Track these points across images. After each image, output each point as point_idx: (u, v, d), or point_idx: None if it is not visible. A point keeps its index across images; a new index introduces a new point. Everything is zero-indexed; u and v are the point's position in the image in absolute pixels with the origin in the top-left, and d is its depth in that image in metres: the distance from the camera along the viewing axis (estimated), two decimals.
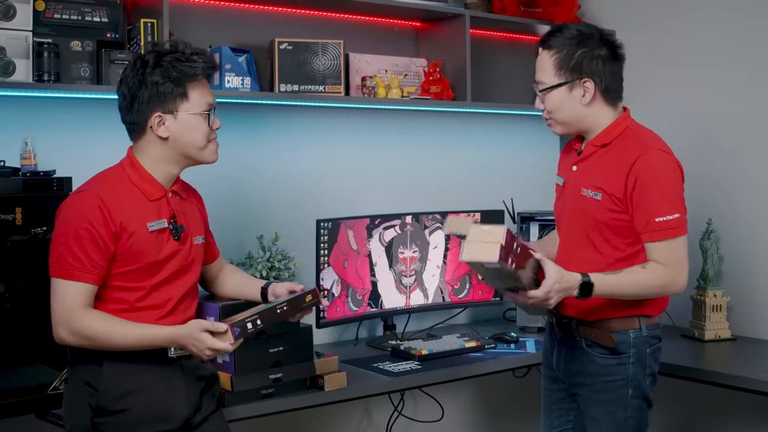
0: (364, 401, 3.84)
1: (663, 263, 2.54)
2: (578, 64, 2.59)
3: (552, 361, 2.81)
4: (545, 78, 2.63)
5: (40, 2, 2.90)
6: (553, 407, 2.85)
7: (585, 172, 2.65)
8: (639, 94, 4.18)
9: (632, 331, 2.63)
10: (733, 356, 3.55)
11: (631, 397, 2.64)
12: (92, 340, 2.36)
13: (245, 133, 3.55)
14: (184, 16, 3.33)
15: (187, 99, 2.47)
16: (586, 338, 2.66)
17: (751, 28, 3.76)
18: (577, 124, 2.66)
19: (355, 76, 3.72)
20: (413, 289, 3.79)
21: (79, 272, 2.35)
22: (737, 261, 3.81)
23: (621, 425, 2.64)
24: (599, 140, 2.65)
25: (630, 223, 2.57)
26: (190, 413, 2.52)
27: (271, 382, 2.86)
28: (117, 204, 2.40)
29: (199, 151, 2.52)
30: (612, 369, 2.63)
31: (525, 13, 4.10)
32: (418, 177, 4.04)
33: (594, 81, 2.61)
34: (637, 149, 2.56)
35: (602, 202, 2.58)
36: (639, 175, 2.52)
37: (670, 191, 2.56)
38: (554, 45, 2.62)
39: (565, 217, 2.70)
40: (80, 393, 2.43)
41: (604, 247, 2.61)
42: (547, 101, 2.64)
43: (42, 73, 2.87)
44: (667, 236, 2.53)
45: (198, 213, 2.67)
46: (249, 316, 2.46)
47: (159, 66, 2.44)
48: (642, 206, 2.53)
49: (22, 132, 2.93)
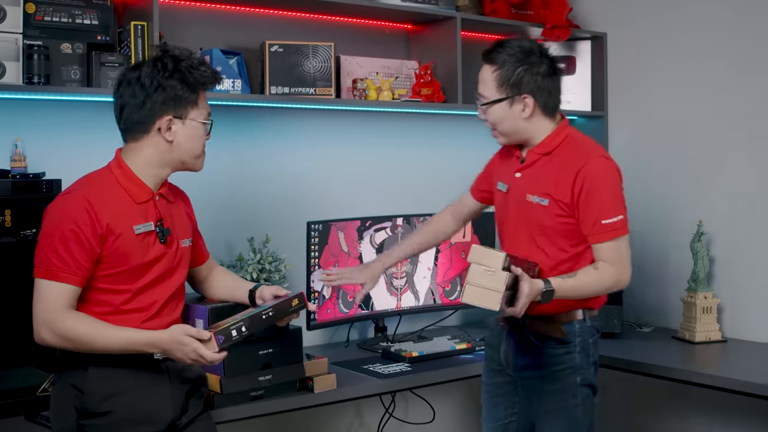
0: (355, 403, 3.85)
1: (611, 262, 2.66)
2: (518, 81, 2.69)
3: (499, 355, 2.89)
4: (487, 92, 2.73)
5: (31, 4, 2.90)
6: (499, 400, 2.93)
7: (530, 179, 2.75)
8: (629, 94, 4.21)
9: (577, 323, 2.76)
10: (724, 358, 3.55)
11: (579, 385, 2.76)
12: (74, 341, 2.36)
13: (236, 135, 3.55)
14: (175, 18, 3.33)
15: (197, 106, 2.51)
16: (535, 331, 2.77)
17: (740, 27, 3.77)
18: (518, 135, 2.77)
19: (346, 79, 3.72)
20: (404, 291, 3.80)
21: (63, 273, 2.35)
22: (728, 263, 3.82)
23: (571, 412, 2.75)
24: (542, 149, 2.75)
25: (575, 227, 2.69)
26: (176, 415, 2.52)
27: (261, 384, 2.86)
28: (104, 206, 2.40)
29: (194, 158, 2.55)
30: (560, 358, 2.75)
31: (516, 16, 4.11)
32: (409, 179, 4.04)
33: (534, 97, 2.71)
34: (581, 157, 2.68)
35: (549, 207, 2.69)
36: (585, 181, 2.64)
37: (614, 195, 2.69)
38: (496, 61, 2.71)
39: (510, 221, 2.78)
40: (66, 395, 2.43)
41: (550, 249, 2.72)
42: (489, 114, 2.75)
43: (32, 75, 2.87)
44: (613, 236, 2.65)
45: (185, 216, 2.67)
46: (234, 323, 2.45)
47: (177, 71, 2.47)
48: (589, 210, 2.65)
49: (12, 134, 2.92)
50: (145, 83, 2.46)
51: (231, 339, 2.43)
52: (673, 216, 4.01)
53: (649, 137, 4.14)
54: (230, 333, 2.42)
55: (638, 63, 4.16)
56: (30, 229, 2.67)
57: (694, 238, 3.75)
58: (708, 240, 3.81)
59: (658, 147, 4.09)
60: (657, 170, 4.09)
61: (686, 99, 3.97)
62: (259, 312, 2.55)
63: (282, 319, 2.67)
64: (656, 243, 4.08)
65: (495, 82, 2.70)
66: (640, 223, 4.10)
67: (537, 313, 2.69)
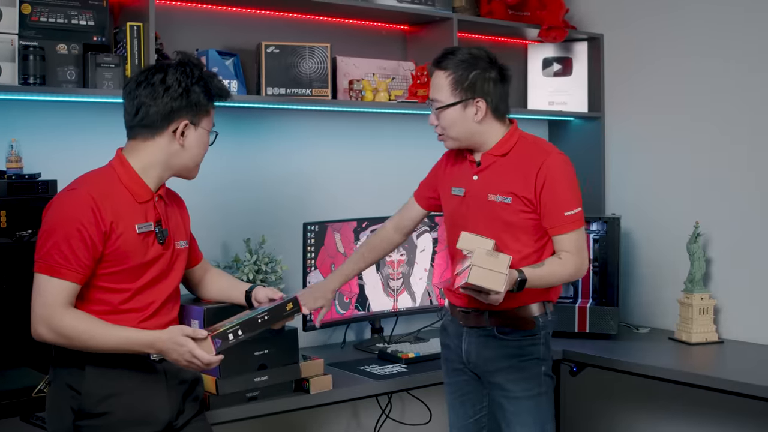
0: (352, 404, 3.85)
1: (573, 252, 2.79)
2: (472, 85, 2.79)
3: (460, 354, 2.94)
4: (441, 97, 2.81)
5: (26, 5, 2.90)
6: (465, 398, 2.98)
7: (489, 180, 2.84)
8: (626, 95, 4.21)
9: (540, 316, 2.86)
10: (721, 359, 3.55)
11: (544, 374, 2.87)
12: (71, 339, 2.35)
13: (232, 136, 3.54)
14: (171, 19, 3.33)
15: (208, 116, 2.57)
16: (498, 326, 2.85)
17: (738, 28, 3.77)
18: (469, 139, 2.84)
19: (342, 80, 3.72)
20: (401, 292, 3.80)
21: (65, 270, 2.35)
22: (724, 264, 3.82)
23: (538, 400, 2.85)
24: (498, 150, 2.85)
25: (537, 222, 2.80)
26: (173, 416, 2.52)
27: (257, 385, 2.86)
28: (108, 203, 2.41)
29: (195, 166, 2.60)
30: (526, 349, 2.84)
31: (513, 17, 4.11)
32: (405, 180, 4.00)
33: (486, 101, 2.80)
34: (540, 155, 2.80)
35: (513, 204, 2.79)
36: (546, 176, 2.76)
37: (573, 188, 2.82)
38: (449, 66, 2.80)
39: (471, 222, 2.84)
40: (62, 396, 2.43)
41: (514, 245, 2.80)
42: (441, 118, 2.83)
43: (28, 76, 2.86)
44: (574, 228, 2.79)
45: (180, 218, 2.67)
46: (230, 327, 2.45)
47: (202, 79, 2.53)
48: (551, 204, 2.77)
49: (7, 135, 2.92)
50: (173, 86, 2.49)
51: (228, 342, 2.43)
52: (669, 217, 4.01)
53: (646, 138, 4.14)
54: (227, 336, 2.42)
55: (635, 64, 4.16)
56: (26, 230, 2.67)
57: (690, 239, 3.75)
58: (705, 241, 3.81)
59: (655, 148, 4.09)
60: (654, 171, 4.09)
61: (683, 100, 3.98)
62: (255, 316, 2.55)
63: (277, 323, 2.66)
64: (653, 244, 4.08)
65: (449, 86, 2.79)
66: (636, 224, 4.12)
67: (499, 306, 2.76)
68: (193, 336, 2.38)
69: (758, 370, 3.33)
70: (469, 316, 2.89)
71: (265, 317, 2.57)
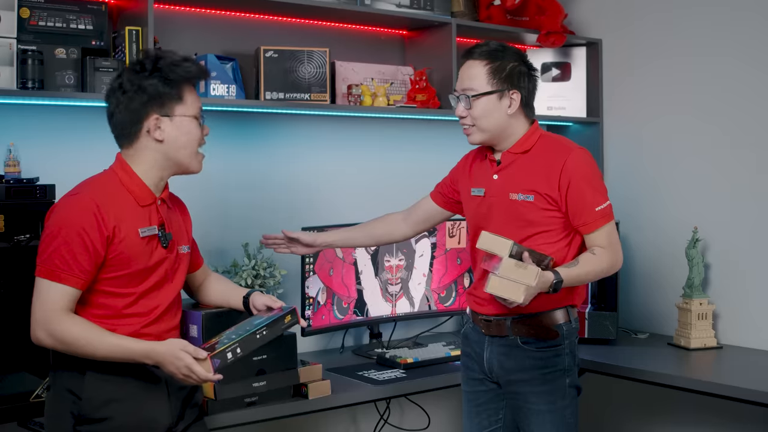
0: (351, 410, 3.84)
1: (606, 246, 2.76)
2: (509, 76, 2.79)
3: (483, 364, 2.89)
4: (475, 85, 2.79)
5: (25, 9, 2.90)
6: (481, 408, 2.94)
7: (510, 179, 2.81)
8: (624, 100, 4.21)
9: (564, 324, 2.82)
10: (719, 365, 3.55)
11: (568, 386, 2.82)
12: (69, 345, 2.35)
13: (231, 140, 3.54)
14: (170, 23, 3.33)
15: (183, 101, 2.49)
16: (521, 335, 2.79)
17: (738, 32, 3.77)
18: (497, 132, 2.81)
19: (341, 84, 3.72)
20: (399, 298, 3.79)
21: (65, 275, 2.34)
22: (723, 269, 3.81)
23: (561, 413, 2.80)
24: (519, 148, 2.82)
25: (562, 220, 2.77)
26: (173, 422, 2.52)
27: (255, 390, 2.85)
28: (110, 208, 2.40)
29: (189, 157, 2.53)
30: (550, 361, 2.79)
31: (511, 22, 4.11)
32: (403, 185, 4.03)
33: (520, 93, 2.80)
34: (563, 151, 2.78)
35: (535, 202, 2.76)
36: (572, 173, 2.73)
37: (599, 183, 2.81)
38: (487, 56, 2.79)
39: (493, 221, 2.81)
40: (62, 401, 2.42)
41: (536, 244, 2.76)
42: (475, 108, 2.79)
43: (26, 80, 2.86)
44: (605, 222, 2.76)
45: (182, 223, 2.67)
46: (229, 345, 2.44)
47: (157, 69, 2.46)
48: (580, 202, 2.74)
49: (5, 139, 2.92)
50: (126, 87, 2.46)
51: (226, 362, 2.42)
52: (668, 222, 4.01)
53: (645, 143, 4.14)
54: (226, 356, 2.42)
55: (633, 69, 4.16)
56: (24, 235, 2.66)
57: (689, 245, 3.75)
58: (703, 246, 3.81)
59: (654, 153, 4.09)
60: (652, 176, 4.09)
61: (681, 105, 3.98)
62: (254, 332, 2.52)
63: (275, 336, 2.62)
64: (651, 249, 4.08)
65: (486, 75, 2.77)
66: (635, 229, 4.12)
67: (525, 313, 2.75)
68: (194, 355, 2.37)
69: (757, 375, 3.32)
70: (491, 325, 2.84)
71: (263, 332, 2.55)
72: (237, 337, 2.47)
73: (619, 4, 4.24)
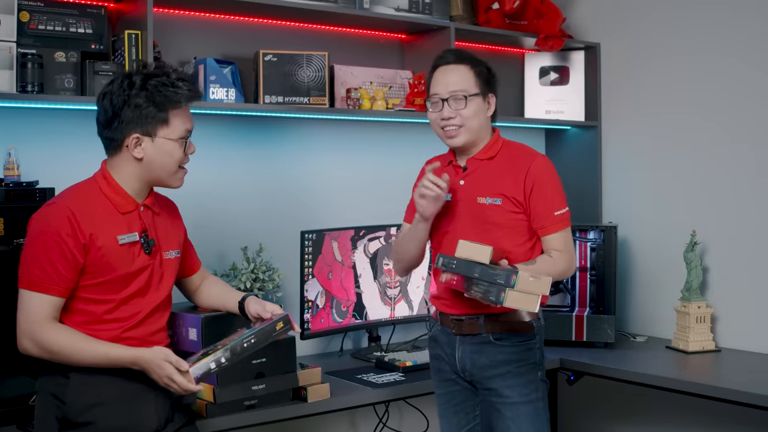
0: (349, 413, 3.84)
1: (563, 250, 2.85)
2: (488, 81, 2.91)
3: (455, 364, 2.92)
4: (467, 87, 2.86)
5: (25, 13, 2.90)
6: (459, 408, 2.97)
7: (477, 184, 2.89)
8: (622, 103, 4.22)
9: (534, 321, 2.89)
10: (718, 368, 3.55)
11: (540, 379, 2.89)
12: (54, 353, 2.36)
13: (230, 144, 3.55)
14: (169, 27, 3.34)
15: (168, 125, 2.47)
16: (494, 332, 2.85)
17: (738, 36, 3.78)
18: (478, 134, 2.89)
19: (340, 88, 3.72)
20: (398, 301, 3.79)
21: (45, 284, 2.35)
22: (722, 272, 3.82)
23: (535, 405, 2.85)
24: (484, 154, 2.91)
25: (526, 222, 2.85)
26: (160, 425, 2.51)
27: (254, 394, 2.85)
28: (87, 216, 2.40)
29: (168, 175, 2.52)
30: (523, 354, 2.86)
31: (510, 26, 4.12)
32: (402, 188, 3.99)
33: (495, 98, 2.93)
34: (527, 157, 2.89)
35: (502, 206, 2.84)
36: (535, 178, 2.83)
37: (560, 189, 2.90)
38: (468, 61, 2.90)
39: (459, 226, 2.87)
40: (47, 405, 2.42)
41: (504, 246, 2.81)
42: (469, 107, 2.85)
43: (26, 83, 2.87)
44: (562, 227, 2.85)
45: (171, 227, 2.65)
46: (213, 355, 2.44)
47: (145, 89, 2.44)
48: (541, 204, 2.83)
49: (5, 142, 2.93)
50: (114, 100, 2.46)
51: (209, 373, 2.44)
52: (666, 225, 4.02)
53: (643, 147, 4.15)
54: (209, 368, 2.43)
55: (631, 73, 4.17)
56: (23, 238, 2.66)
57: (687, 248, 3.75)
58: (702, 250, 3.81)
59: (652, 156, 4.10)
60: (650, 180, 4.10)
61: (680, 108, 3.98)
62: (240, 341, 2.52)
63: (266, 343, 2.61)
64: (650, 252, 4.08)
65: (474, 78, 2.86)
66: (633, 232, 4.12)
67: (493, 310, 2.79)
68: (175, 365, 2.38)
69: (755, 378, 3.32)
70: (462, 324, 2.88)
71: (251, 341, 2.54)
72: (222, 347, 2.48)
73: (616, 8, 4.25)
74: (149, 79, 2.45)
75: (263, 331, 2.59)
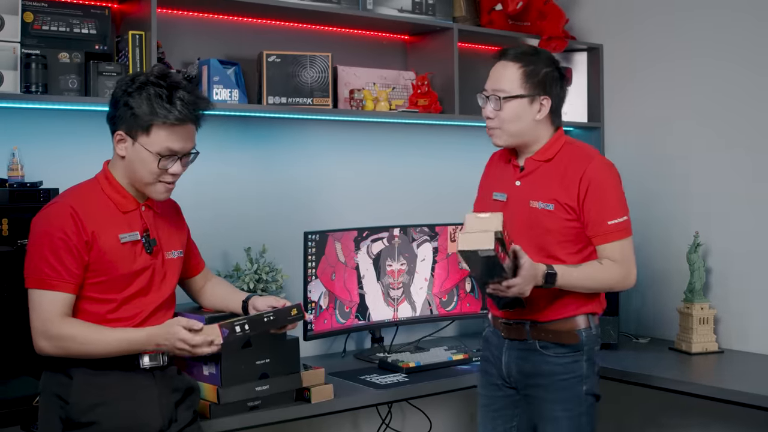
0: (352, 414, 3.84)
1: (617, 260, 2.73)
2: (542, 81, 2.76)
3: (501, 368, 2.88)
4: (507, 87, 2.75)
5: (29, 14, 2.91)
6: (497, 414, 2.93)
7: (532, 186, 2.80)
8: (625, 105, 4.22)
9: (584, 330, 2.79)
10: (721, 369, 3.55)
11: (585, 394, 2.79)
12: (70, 349, 2.36)
13: (233, 145, 3.55)
14: (173, 28, 3.34)
15: (148, 135, 2.44)
16: (540, 340, 2.78)
17: (740, 36, 3.78)
18: (523, 137, 2.80)
19: (343, 89, 3.72)
20: (401, 302, 3.79)
21: (56, 282, 2.36)
22: (724, 274, 3.82)
23: (577, 421, 2.78)
24: (542, 155, 2.80)
25: (581, 230, 2.75)
26: (164, 425, 2.51)
27: (258, 394, 2.85)
28: (89, 214, 2.41)
29: (144, 185, 2.50)
30: (568, 367, 2.77)
31: (513, 27, 4.12)
32: (405, 189, 4.05)
33: (551, 99, 2.79)
34: (584, 160, 2.76)
35: (555, 212, 2.74)
36: (590, 183, 2.71)
37: (618, 196, 2.77)
38: (521, 59, 2.77)
39: (513, 228, 2.78)
40: (51, 406, 2.43)
41: (557, 253, 2.75)
42: (504, 110, 2.76)
43: (30, 84, 2.87)
44: (618, 237, 2.73)
45: (174, 227, 2.66)
46: (237, 320, 2.50)
47: (139, 92, 2.43)
48: (594, 211, 2.71)
49: (9, 143, 2.92)
50: (115, 93, 2.49)
51: (235, 334, 2.47)
52: (669, 227, 4.01)
53: (646, 148, 4.14)
54: (234, 328, 2.47)
55: (634, 74, 4.17)
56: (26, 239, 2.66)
57: (690, 249, 3.75)
58: (704, 251, 3.81)
59: (655, 158, 4.10)
60: (653, 181, 4.09)
61: (682, 110, 3.98)
62: (262, 315, 2.59)
63: (281, 327, 2.67)
64: (653, 254, 4.08)
65: (519, 78, 2.74)
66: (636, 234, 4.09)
67: (540, 317, 2.73)
68: (187, 327, 2.40)
69: (758, 379, 3.33)
70: (510, 328, 2.84)
71: (270, 317, 2.60)
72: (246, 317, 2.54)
73: (619, 9, 4.25)
74: (148, 85, 2.44)
75: (281, 312, 2.64)
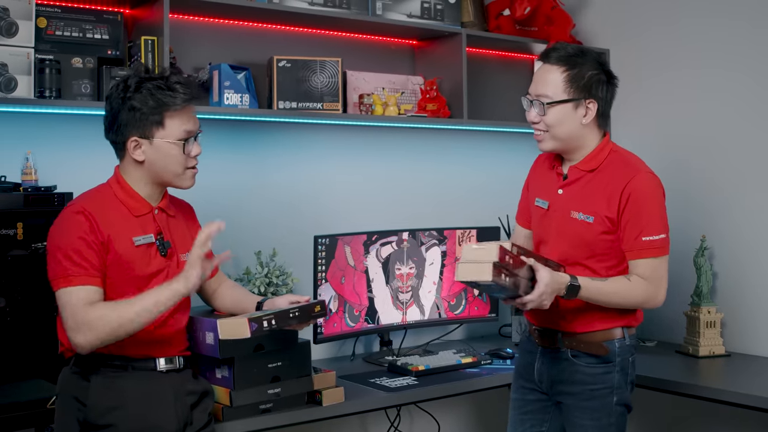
0: (361, 416, 3.85)
1: (646, 278, 2.65)
2: (587, 84, 2.67)
3: (533, 373, 2.87)
4: (551, 92, 2.68)
5: (42, 19, 2.93)
6: (526, 417, 2.92)
7: (574, 196, 2.74)
8: (630, 110, 4.23)
9: (617, 341, 2.74)
10: (728, 372, 3.56)
11: (615, 404, 2.74)
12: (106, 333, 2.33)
13: (244, 149, 3.57)
14: (185, 33, 3.36)
15: (164, 127, 2.48)
16: (572, 349, 2.75)
17: (746, 41, 3.80)
18: (570, 142, 2.73)
19: (352, 94, 3.75)
20: (410, 305, 3.81)
21: (83, 276, 2.36)
22: (731, 277, 3.83)
23: (606, 430, 2.74)
24: (586, 165, 2.74)
25: (617, 244, 2.68)
26: (179, 428, 2.53)
27: (270, 397, 2.87)
28: (103, 218, 2.43)
29: (174, 177, 2.54)
30: (598, 377, 2.73)
31: (520, 32, 4.14)
32: (414, 194, 4.06)
33: (597, 103, 2.69)
34: (628, 172, 2.67)
35: (594, 224, 2.68)
36: (630, 196, 2.64)
37: (658, 213, 2.68)
38: (565, 62, 2.68)
39: (552, 238, 2.76)
40: (68, 408, 2.45)
41: (595, 266, 2.71)
42: (549, 115, 2.68)
43: (43, 89, 2.90)
44: (651, 255, 2.65)
45: (187, 230, 2.67)
46: (265, 314, 2.50)
47: (139, 91, 2.46)
48: (631, 225, 2.64)
49: (23, 147, 2.95)
50: (112, 103, 2.50)
51: (262, 328, 2.47)
52: (676, 231, 3.98)
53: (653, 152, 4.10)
54: (262, 322, 2.47)
55: (641, 78, 4.18)
56: (42, 242, 2.68)
57: (697, 253, 3.77)
58: (711, 255, 3.83)
59: (662, 162, 4.08)
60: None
61: (689, 114, 4.00)
62: (287, 310, 2.59)
63: (302, 324, 2.67)
64: None
65: (563, 82, 2.66)
66: None
67: (572, 328, 2.72)
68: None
69: (765, 382, 3.34)
70: (543, 336, 2.82)
71: (296, 313, 2.60)
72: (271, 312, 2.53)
73: (626, 15, 4.27)
74: (144, 82, 2.47)
75: (305, 308, 2.65)
